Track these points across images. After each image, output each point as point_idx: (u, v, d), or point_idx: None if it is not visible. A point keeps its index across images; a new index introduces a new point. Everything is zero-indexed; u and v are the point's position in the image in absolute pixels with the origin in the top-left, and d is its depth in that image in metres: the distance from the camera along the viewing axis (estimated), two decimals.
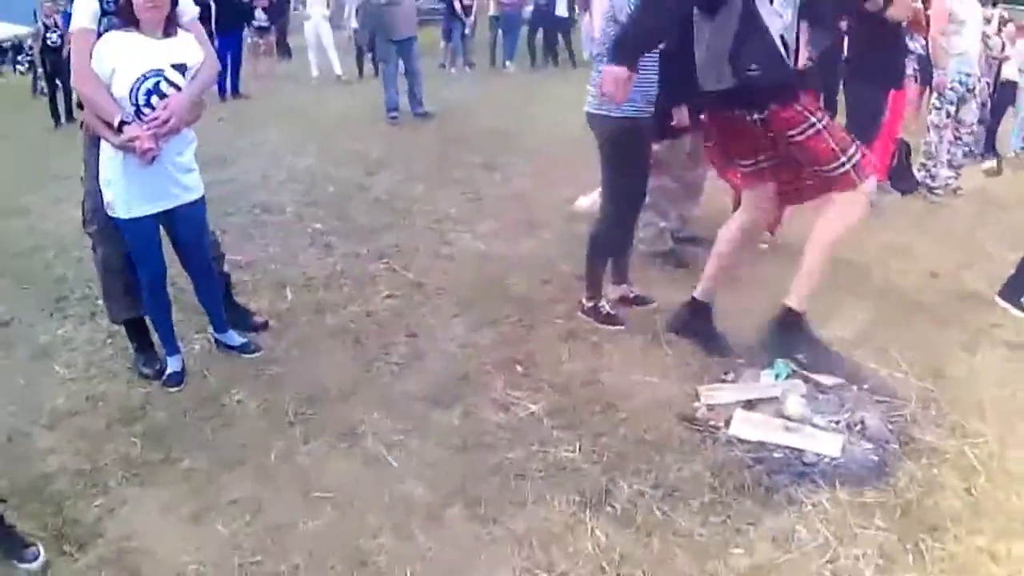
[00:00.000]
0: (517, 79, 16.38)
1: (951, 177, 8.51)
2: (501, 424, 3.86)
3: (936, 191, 8.37)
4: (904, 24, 7.10)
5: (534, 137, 9.96)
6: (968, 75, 8.24)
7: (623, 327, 4.68)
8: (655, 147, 4.93)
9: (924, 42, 8.40)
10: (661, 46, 4.26)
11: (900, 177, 8.35)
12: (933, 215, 7.74)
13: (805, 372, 4.14)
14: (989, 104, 11.13)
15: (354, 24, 16.50)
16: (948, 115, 8.36)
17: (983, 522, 3.34)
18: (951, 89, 8.24)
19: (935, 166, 8.49)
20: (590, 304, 4.75)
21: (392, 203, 7.49)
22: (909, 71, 8.01)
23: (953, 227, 7.20)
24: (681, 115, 5.11)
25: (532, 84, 15.24)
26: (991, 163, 10.02)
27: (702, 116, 4.68)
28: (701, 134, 5.06)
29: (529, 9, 17.79)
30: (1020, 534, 3.27)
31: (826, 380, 4.10)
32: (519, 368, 4.28)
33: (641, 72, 4.11)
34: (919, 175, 8.51)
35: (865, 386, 4.16)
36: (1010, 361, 4.68)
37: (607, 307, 4.78)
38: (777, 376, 4.08)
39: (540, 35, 18.04)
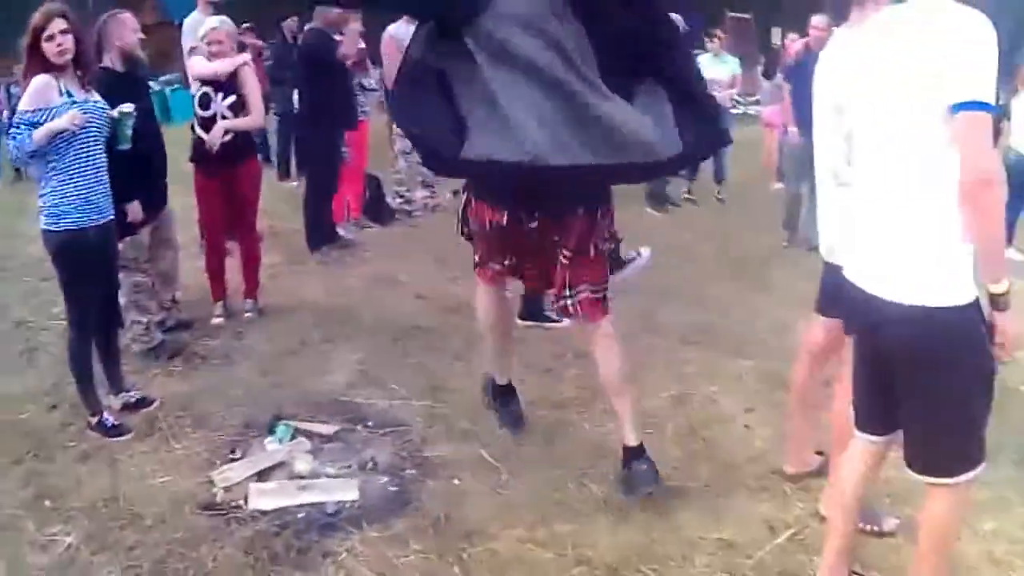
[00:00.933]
0: None
1: (428, 196, 9.01)
2: (46, 567, 3.46)
3: (415, 213, 8.83)
4: (349, 64, 7.42)
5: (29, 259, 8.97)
6: None
7: (131, 434, 4.39)
8: (120, 246, 4.78)
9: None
10: (101, 149, 4.21)
11: (376, 211, 8.68)
12: (413, 239, 8.12)
13: (306, 427, 4.12)
14: None
15: None
16: None
17: (516, 514, 3.51)
18: None
19: (408, 190, 8.95)
20: (94, 421, 4.42)
21: None
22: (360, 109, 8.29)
23: (435, 244, 7.39)
24: (135, 211, 4.94)
25: None
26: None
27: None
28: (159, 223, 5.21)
29: None
30: (550, 516, 3.49)
31: (326, 430, 4.12)
32: (47, 503, 3.87)
33: (83, 178, 4.08)
34: (395, 203, 8.90)
35: (370, 422, 4.22)
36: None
37: (111, 419, 4.46)
38: (280, 440, 4.01)
39: None
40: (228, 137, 5.58)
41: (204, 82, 5.69)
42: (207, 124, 5.63)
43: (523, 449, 4.04)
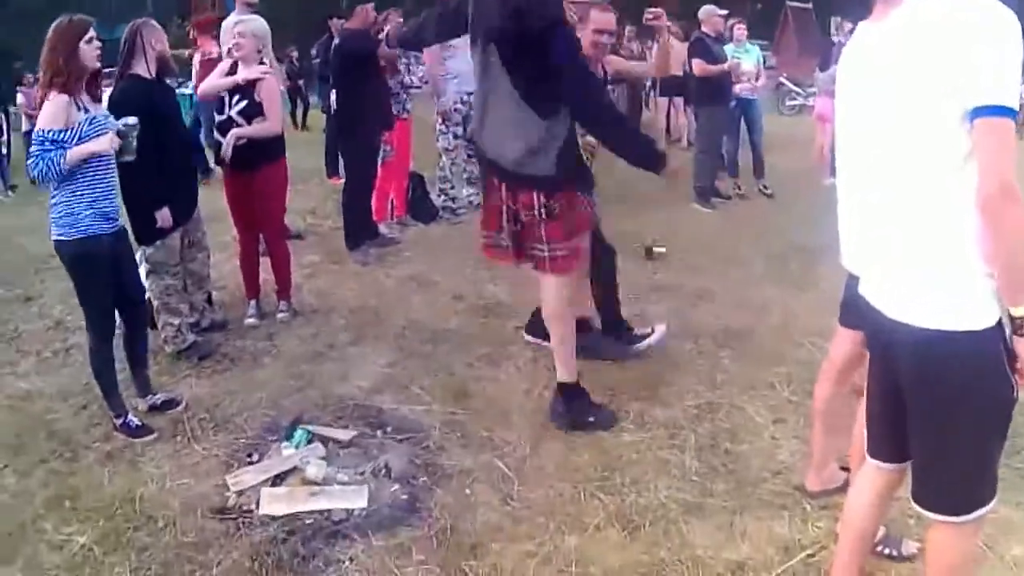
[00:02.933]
0: None
1: (473, 193, 8.87)
2: (60, 565, 3.50)
3: (460, 211, 8.78)
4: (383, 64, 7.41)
5: None
6: (469, 93, 8.56)
7: (155, 435, 4.42)
8: (148, 251, 4.97)
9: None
10: (112, 160, 4.25)
11: (420, 209, 8.66)
12: (454, 238, 8.07)
13: (323, 432, 4.09)
14: None
15: None
16: (456, 136, 8.67)
17: (524, 527, 3.46)
18: (455, 111, 8.56)
19: (452, 187, 8.88)
20: (119, 422, 4.47)
21: None
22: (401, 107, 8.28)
23: (477, 243, 7.35)
24: (164, 217, 4.99)
25: None
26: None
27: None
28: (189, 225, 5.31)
29: None
30: (558, 529, 3.42)
31: (343, 435, 4.09)
32: (68, 503, 3.92)
33: (95, 190, 4.13)
34: (439, 201, 8.86)
35: (388, 428, 4.19)
36: (534, 364, 4.98)
37: (135, 420, 4.51)
38: (296, 445, 3.99)
39: None
40: (243, 141, 5.58)
41: None
42: (223, 128, 5.65)
43: (539, 460, 3.97)
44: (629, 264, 7.00)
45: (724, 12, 9.79)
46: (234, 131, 5.58)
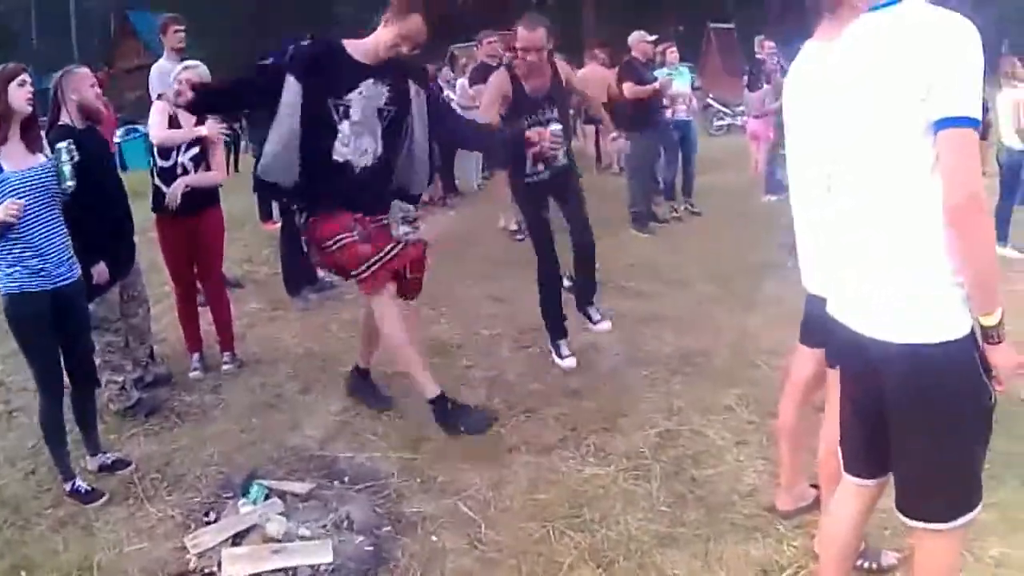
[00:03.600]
0: None
1: (409, 232, 8.72)
2: None
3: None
4: None
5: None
6: None
7: (106, 498, 4.26)
8: (90, 307, 4.71)
9: None
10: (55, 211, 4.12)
11: None
12: None
13: (280, 486, 3.98)
14: None
15: None
16: None
17: (496, 571, 3.39)
18: None
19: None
20: (68, 487, 4.31)
21: None
22: None
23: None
24: (101, 273, 4.84)
25: None
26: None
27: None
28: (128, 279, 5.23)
29: None
30: (531, 571, 3.35)
31: (301, 488, 3.97)
32: (23, 574, 3.74)
33: (19, 245, 3.99)
34: None
35: (346, 478, 4.08)
36: (487, 402, 4.93)
37: (84, 485, 4.35)
38: (254, 501, 3.86)
39: None
40: (188, 189, 5.48)
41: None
42: (166, 175, 5.52)
43: (503, 500, 3.88)
44: None
45: (653, 37, 9.90)
46: (181, 179, 5.47)
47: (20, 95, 3.97)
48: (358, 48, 4.42)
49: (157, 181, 5.59)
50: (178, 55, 7.21)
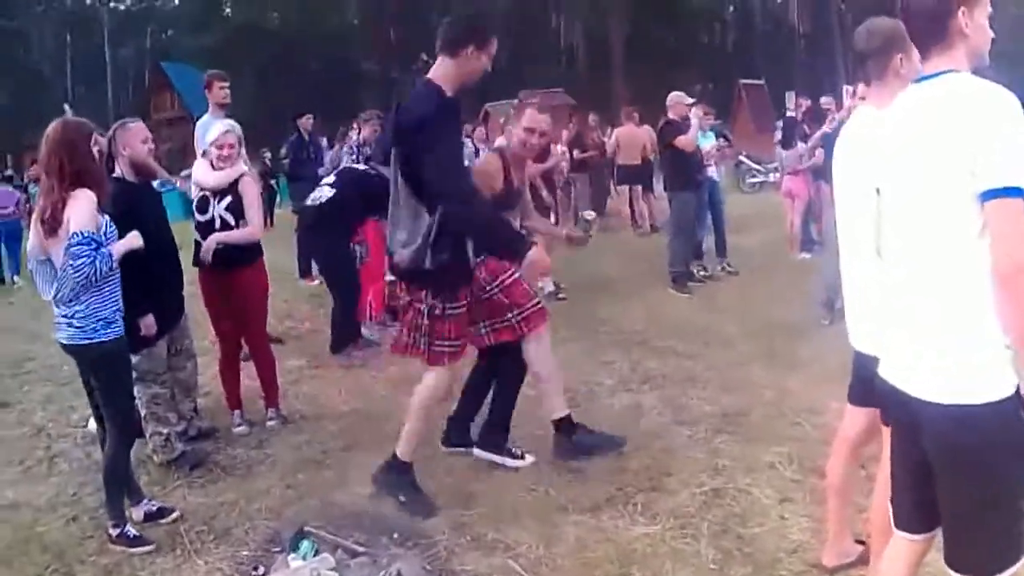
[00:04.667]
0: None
1: None
2: None
3: None
4: None
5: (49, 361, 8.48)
6: None
7: (152, 546, 4.31)
8: (134, 359, 4.77)
9: None
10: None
11: (398, 309, 8.57)
12: None
13: (331, 541, 4.01)
14: None
15: None
16: None
17: None
18: None
19: None
20: (116, 532, 4.36)
21: None
22: None
23: None
24: (148, 325, 4.95)
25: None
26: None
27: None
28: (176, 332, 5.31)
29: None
30: None
31: (351, 544, 3.98)
32: None
33: (116, 291, 4.25)
34: None
35: (395, 535, 4.10)
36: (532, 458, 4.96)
37: (133, 530, 4.39)
38: (304, 556, 3.89)
39: None
40: (222, 246, 5.56)
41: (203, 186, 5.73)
42: (204, 229, 5.64)
43: (553, 559, 3.89)
44: (613, 354, 7.05)
45: (691, 100, 10.02)
46: (214, 236, 5.55)
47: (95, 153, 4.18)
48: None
49: (197, 235, 5.69)
50: (222, 110, 7.40)
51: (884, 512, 2.77)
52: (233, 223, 5.63)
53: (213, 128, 5.93)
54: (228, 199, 5.63)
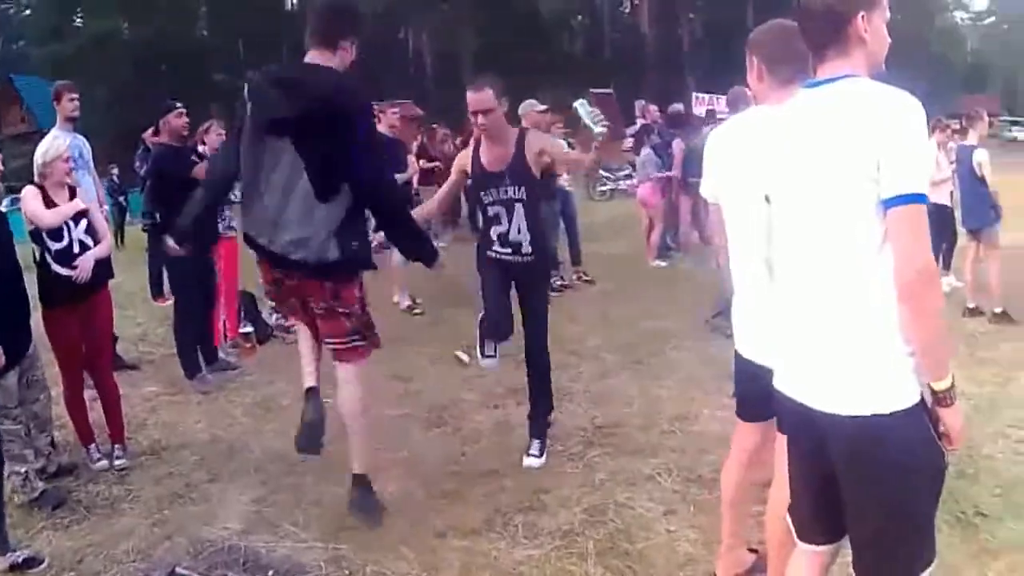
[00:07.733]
0: None
1: None
2: None
3: (294, 328, 8.45)
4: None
5: None
6: None
7: None
8: None
9: None
10: None
11: (254, 327, 8.32)
12: (294, 357, 7.73)
13: None
14: None
15: None
16: None
17: None
18: None
19: None
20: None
21: None
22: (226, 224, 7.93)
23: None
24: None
25: None
26: None
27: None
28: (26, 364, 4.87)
29: None
30: None
31: None
32: None
33: None
34: (272, 319, 8.56)
35: (271, 572, 3.89)
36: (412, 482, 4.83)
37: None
38: None
39: None
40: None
41: None
42: (63, 257, 5.24)
43: None
44: (474, 367, 6.86)
45: (543, 107, 9.98)
46: (89, 253, 5.28)
47: None
48: None
49: (56, 267, 5.25)
50: (71, 124, 6.97)
51: (780, 522, 2.74)
52: (92, 244, 5.35)
53: (52, 147, 5.53)
54: (84, 222, 5.34)
